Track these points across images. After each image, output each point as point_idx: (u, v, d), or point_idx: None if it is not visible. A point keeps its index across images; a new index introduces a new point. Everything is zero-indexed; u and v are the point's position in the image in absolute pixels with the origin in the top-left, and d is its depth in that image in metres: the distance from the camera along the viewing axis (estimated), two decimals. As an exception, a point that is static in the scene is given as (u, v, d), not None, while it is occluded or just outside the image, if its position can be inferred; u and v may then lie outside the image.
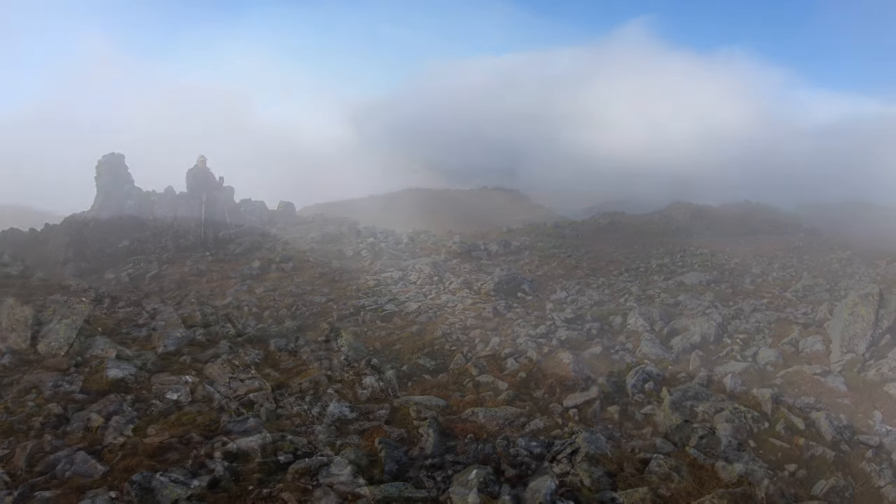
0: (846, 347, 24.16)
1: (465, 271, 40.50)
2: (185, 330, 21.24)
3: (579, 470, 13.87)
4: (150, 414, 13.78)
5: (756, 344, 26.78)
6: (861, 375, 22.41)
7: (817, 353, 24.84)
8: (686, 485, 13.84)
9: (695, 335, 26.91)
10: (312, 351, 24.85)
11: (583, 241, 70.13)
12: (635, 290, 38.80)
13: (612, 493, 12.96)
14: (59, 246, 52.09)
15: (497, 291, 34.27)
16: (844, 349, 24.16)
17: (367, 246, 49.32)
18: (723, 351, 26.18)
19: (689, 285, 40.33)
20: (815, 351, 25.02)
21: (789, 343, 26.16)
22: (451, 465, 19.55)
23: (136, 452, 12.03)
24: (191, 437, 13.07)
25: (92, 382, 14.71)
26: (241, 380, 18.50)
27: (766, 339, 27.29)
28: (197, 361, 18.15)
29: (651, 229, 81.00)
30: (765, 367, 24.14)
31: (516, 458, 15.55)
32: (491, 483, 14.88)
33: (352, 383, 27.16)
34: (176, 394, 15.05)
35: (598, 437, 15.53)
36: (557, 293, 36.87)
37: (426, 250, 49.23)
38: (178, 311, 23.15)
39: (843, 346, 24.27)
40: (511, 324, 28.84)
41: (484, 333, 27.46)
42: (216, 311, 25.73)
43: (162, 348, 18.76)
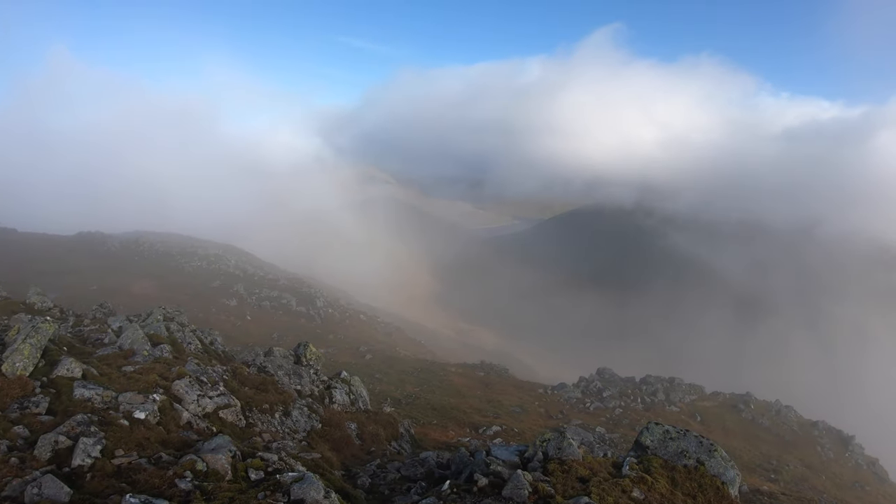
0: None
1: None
2: (152, 347, 21.06)
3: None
4: (117, 434, 13.64)
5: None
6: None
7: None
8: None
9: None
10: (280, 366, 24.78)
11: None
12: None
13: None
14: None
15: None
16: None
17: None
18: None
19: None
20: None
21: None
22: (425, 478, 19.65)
23: (104, 474, 11.91)
24: (160, 456, 12.98)
25: (58, 404, 14.55)
26: (209, 396, 18.40)
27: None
28: (164, 379, 17.96)
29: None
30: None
31: (490, 468, 15.67)
32: (464, 493, 14.99)
33: (322, 397, 27.12)
34: (144, 413, 14.90)
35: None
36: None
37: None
38: (145, 328, 22.93)
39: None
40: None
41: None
42: (182, 327, 25.53)
43: (129, 367, 18.57)
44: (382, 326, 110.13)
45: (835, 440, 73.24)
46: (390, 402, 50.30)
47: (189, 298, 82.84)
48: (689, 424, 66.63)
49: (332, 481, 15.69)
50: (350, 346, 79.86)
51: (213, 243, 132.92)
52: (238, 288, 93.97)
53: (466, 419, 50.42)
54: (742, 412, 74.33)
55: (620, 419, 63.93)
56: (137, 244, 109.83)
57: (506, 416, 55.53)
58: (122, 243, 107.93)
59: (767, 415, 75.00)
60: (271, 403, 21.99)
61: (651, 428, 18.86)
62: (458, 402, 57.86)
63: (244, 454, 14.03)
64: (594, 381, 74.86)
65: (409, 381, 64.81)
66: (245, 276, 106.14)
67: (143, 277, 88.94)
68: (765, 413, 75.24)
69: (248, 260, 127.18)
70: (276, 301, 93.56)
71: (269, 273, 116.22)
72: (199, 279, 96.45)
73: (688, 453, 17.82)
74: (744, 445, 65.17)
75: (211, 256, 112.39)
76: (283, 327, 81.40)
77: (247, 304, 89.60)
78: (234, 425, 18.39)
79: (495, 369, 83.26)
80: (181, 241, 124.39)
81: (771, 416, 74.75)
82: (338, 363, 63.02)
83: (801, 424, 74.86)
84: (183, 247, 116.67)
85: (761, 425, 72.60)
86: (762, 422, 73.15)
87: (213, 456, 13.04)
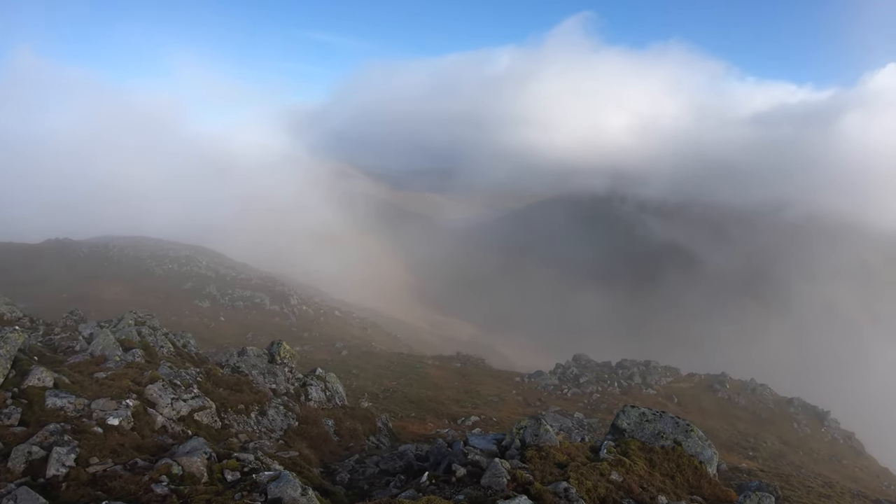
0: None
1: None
2: (124, 352, 20.93)
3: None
4: (91, 442, 13.58)
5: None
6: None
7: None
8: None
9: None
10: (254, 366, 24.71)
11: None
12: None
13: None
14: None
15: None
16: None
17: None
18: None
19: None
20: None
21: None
22: (404, 471, 19.70)
23: (80, 483, 11.87)
24: (135, 462, 12.95)
25: (31, 414, 14.44)
26: (183, 399, 18.34)
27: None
28: (137, 384, 17.87)
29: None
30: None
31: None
32: (442, 484, 15.04)
33: (297, 395, 27.09)
34: (117, 419, 14.84)
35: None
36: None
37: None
38: (116, 334, 22.77)
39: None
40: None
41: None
42: (154, 331, 25.38)
43: (101, 373, 18.45)
44: (357, 322, 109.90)
45: (810, 416, 74.20)
46: (368, 396, 50.29)
47: (161, 302, 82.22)
48: (667, 406, 67.18)
49: (309, 479, 15.71)
50: (326, 343, 79.64)
51: (184, 245, 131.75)
52: (210, 289, 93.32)
53: (444, 411, 50.52)
54: (718, 392, 75.07)
55: (598, 404, 64.36)
56: (107, 249, 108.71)
57: (484, 406, 55.70)
58: (90, 249, 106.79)
59: (743, 393, 75.79)
60: (246, 403, 21.95)
61: (627, 411, 19.07)
62: (435, 394, 57.95)
63: (220, 455, 14.03)
64: (570, 368, 75.25)
65: (385, 375, 64.80)
66: (217, 276, 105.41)
67: (113, 283, 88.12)
68: (740, 392, 76.03)
69: (220, 260, 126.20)
70: (250, 301, 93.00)
71: (241, 273, 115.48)
72: (170, 282, 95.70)
73: (665, 434, 18.05)
74: (721, 424, 65.83)
75: (182, 258, 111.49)
76: (257, 327, 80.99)
77: (220, 304, 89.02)
78: (210, 427, 18.36)
79: (472, 360, 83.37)
80: (151, 245, 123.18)
81: (747, 395, 75.55)
82: (314, 360, 62.79)
83: (776, 402, 75.75)
84: (153, 250, 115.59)
85: (737, 404, 73.37)
86: (738, 401, 73.93)
87: (189, 459, 13.03)
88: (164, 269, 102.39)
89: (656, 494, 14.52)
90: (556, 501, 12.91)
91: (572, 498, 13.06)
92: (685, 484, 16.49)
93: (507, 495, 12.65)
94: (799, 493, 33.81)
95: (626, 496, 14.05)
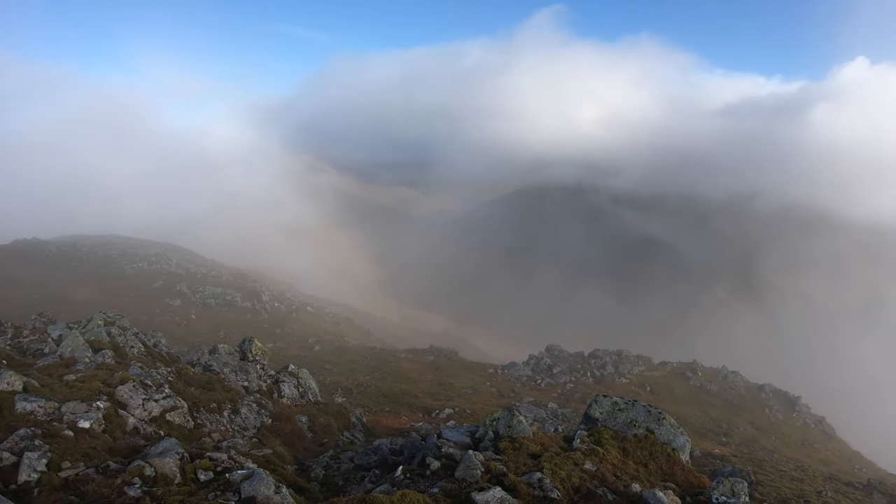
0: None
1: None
2: (94, 354, 20.76)
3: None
4: (63, 446, 13.49)
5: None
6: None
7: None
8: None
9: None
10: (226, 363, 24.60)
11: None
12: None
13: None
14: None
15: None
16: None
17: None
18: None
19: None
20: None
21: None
22: (378, 465, 19.73)
23: (52, 488, 11.79)
24: (107, 465, 12.88)
25: (0, 419, 14.30)
26: (155, 400, 18.24)
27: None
28: (108, 385, 17.74)
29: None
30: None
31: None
32: (417, 478, 15.11)
33: (270, 392, 27.01)
34: (88, 421, 14.74)
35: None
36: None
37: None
38: (85, 335, 22.57)
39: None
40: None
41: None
42: (124, 331, 25.17)
43: (71, 375, 18.30)
44: (330, 317, 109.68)
45: (782, 401, 75.18)
46: (341, 392, 50.23)
47: (132, 301, 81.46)
48: (639, 395, 67.73)
49: (284, 476, 15.72)
50: (298, 339, 79.39)
51: (154, 243, 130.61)
52: (181, 287, 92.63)
53: (419, 404, 50.61)
54: (690, 380, 75.79)
55: (572, 394, 64.73)
56: (75, 249, 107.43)
57: (458, 399, 55.86)
58: (59, 249, 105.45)
59: (715, 381, 76.58)
60: (219, 402, 21.84)
61: (599, 400, 19.23)
62: (409, 387, 58.02)
63: (192, 456, 13.98)
64: (544, 359, 75.61)
65: (359, 369, 64.77)
66: (188, 274, 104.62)
67: (83, 283, 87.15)
68: (712, 379, 76.82)
69: (191, 258, 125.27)
70: (221, 298, 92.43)
71: (212, 270, 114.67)
72: (140, 281, 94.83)
73: (637, 423, 18.23)
74: (694, 412, 66.52)
75: (152, 257, 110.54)
76: (229, 324, 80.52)
77: (191, 302, 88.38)
78: (182, 427, 18.27)
79: (445, 353, 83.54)
80: (121, 243, 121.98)
81: (718, 382, 76.35)
82: (287, 356, 62.56)
83: (748, 388, 76.65)
84: (123, 248, 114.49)
85: (710, 391, 74.14)
86: (710, 388, 74.70)
87: (161, 460, 12.98)
88: (134, 268, 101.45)
89: (630, 482, 14.68)
90: (531, 492, 13.01)
91: (546, 488, 13.17)
92: (658, 471, 16.67)
93: (482, 487, 12.73)
94: (772, 477, 34.29)
95: (600, 485, 14.18)
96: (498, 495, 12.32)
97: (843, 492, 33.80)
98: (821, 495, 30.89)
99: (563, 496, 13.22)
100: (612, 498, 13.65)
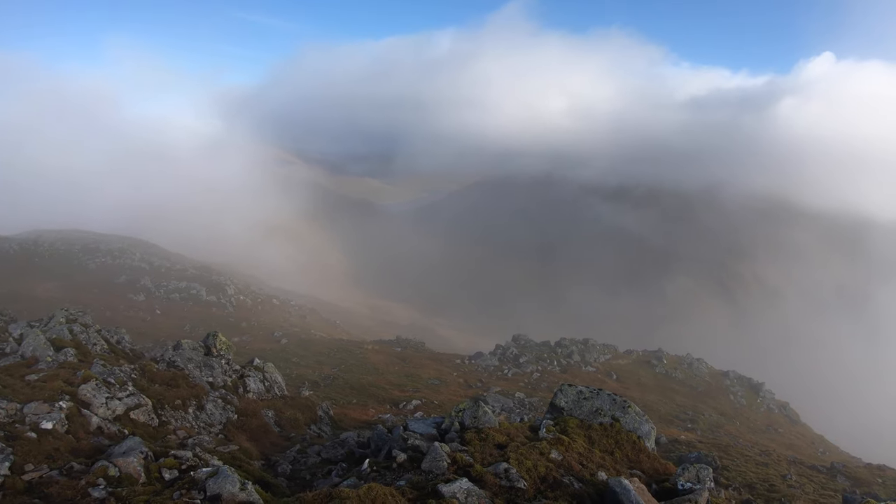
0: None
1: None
2: (56, 352, 20.53)
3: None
4: (25, 448, 13.35)
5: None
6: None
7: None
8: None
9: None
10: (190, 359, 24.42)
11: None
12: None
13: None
14: None
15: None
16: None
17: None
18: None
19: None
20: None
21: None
22: (345, 458, 19.75)
23: (15, 492, 11.67)
24: (71, 466, 12.77)
25: (-40, 421, 14.13)
26: (118, 398, 18.08)
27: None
28: (70, 384, 17.55)
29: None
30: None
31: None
32: (384, 471, 15.17)
33: (236, 387, 26.88)
34: (51, 422, 14.59)
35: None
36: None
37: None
38: (47, 333, 22.30)
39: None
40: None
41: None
42: (86, 328, 24.88)
43: (32, 375, 18.09)
44: (296, 309, 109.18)
45: (746, 388, 76.37)
46: (308, 385, 50.06)
47: (95, 297, 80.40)
48: (606, 383, 68.36)
49: (250, 472, 15.68)
50: (264, 332, 78.95)
51: (117, 237, 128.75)
52: (145, 282, 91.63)
53: (386, 396, 50.64)
54: (656, 367, 76.66)
55: (539, 383, 65.09)
56: (37, 245, 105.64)
57: (425, 390, 55.93)
58: (20, 245, 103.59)
59: (680, 368, 77.54)
60: (183, 399, 21.69)
61: (565, 389, 19.39)
62: (376, 379, 57.99)
63: (157, 454, 13.90)
64: (510, 348, 75.93)
65: (326, 362, 64.56)
66: (151, 268, 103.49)
67: (46, 279, 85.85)
68: (677, 367, 77.76)
69: (154, 252, 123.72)
70: (186, 292, 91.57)
71: (176, 264, 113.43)
72: (103, 276, 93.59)
73: (603, 411, 18.43)
74: (660, 399, 67.28)
75: (115, 251, 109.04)
76: (194, 319, 79.80)
77: (155, 297, 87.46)
78: (147, 425, 18.14)
79: (412, 344, 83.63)
80: (83, 238, 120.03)
81: (683, 370, 77.31)
82: (252, 350, 62.20)
83: (712, 375, 77.73)
84: (85, 243, 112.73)
85: (675, 378, 75.06)
86: (676, 375, 75.63)
87: (125, 459, 12.90)
88: (96, 263, 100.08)
89: (596, 471, 14.84)
90: (497, 482, 13.11)
91: (513, 478, 13.27)
92: (624, 459, 16.87)
93: (448, 479, 12.80)
94: (737, 462, 34.83)
95: (567, 474, 14.30)
96: (465, 486, 12.39)
97: (807, 475, 34.41)
98: (785, 479, 31.40)
99: (530, 486, 13.34)
100: (579, 486, 13.79)
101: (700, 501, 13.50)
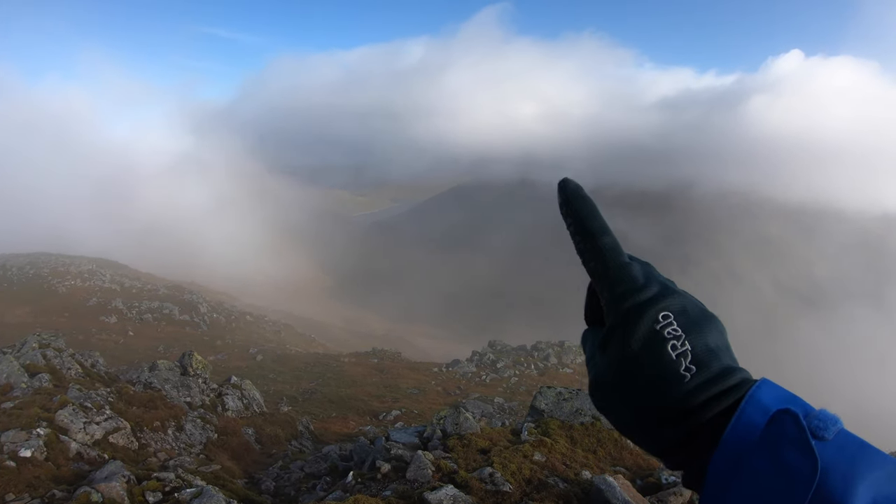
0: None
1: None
2: (30, 378, 20.31)
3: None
4: (6, 478, 13.20)
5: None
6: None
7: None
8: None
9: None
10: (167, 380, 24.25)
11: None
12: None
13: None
14: None
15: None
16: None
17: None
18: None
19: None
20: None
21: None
22: (329, 472, 19.71)
23: (-5, 520, 11.53)
24: (53, 494, 12.64)
25: (-65, 452, 13.95)
26: (96, 422, 17.92)
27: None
28: (46, 410, 17.37)
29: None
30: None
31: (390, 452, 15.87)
32: (369, 482, 15.19)
33: (214, 406, 26.71)
34: (30, 450, 14.43)
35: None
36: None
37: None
38: (20, 359, 22.05)
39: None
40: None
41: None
42: (60, 352, 24.63)
43: (8, 402, 17.88)
44: (270, 325, 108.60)
45: (722, 381, 76.99)
46: (286, 400, 49.75)
47: (67, 321, 79.48)
48: (584, 384, 68.52)
49: (234, 491, 15.61)
50: (240, 350, 78.41)
51: (86, 258, 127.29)
52: (116, 303, 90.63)
53: (365, 407, 50.50)
54: (632, 365, 77.03)
55: (517, 387, 65.19)
56: (4, 269, 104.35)
57: (404, 399, 55.84)
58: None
59: (656, 364, 78.00)
60: (162, 420, 21.54)
61: (544, 392, 19.51)
62: (355, 391, 57.81)
63: (139, 477, 13.79)
64: (487, 354, 75.96)
65: (303, 377, 64.26)
66: (122, 289, 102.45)
67: (15, 304, 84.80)
68: (653, 363, 78.22)
69: (125, 272, 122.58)
70: (158, 312, 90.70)
71: (147, 284, 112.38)
72: (74, 299, 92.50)
73: (583, 411, 18.55)
74: (638, 395, 67.61)
75: (85, 273, 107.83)
76: (168, 339, 79.08)
77: (127, 319, 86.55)
78: (127, 448, 18.00)
79: (388, 354, 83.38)
80: (51, 260, 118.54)
81: (658, 366, 77.77)
82: (229, 368, 61.70)
83: (687, 370, 78.25)
84: (54, 266, 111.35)
85: (651, 375, 75.50)
86: (652, 371, 76.08)
87: (108, 484, 12.78)
88: (67, 286, 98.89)
89: (580, 470, 14.91)
90: (483, 487, 13.14)
91: (498, 482, 13.31)
92: (607, 457, 16.98)
93: (434, 486, 12.82)
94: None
95: (551, 474, 14.36)
96: (450, 493, 12.41)
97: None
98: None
99: (516, 489, 13.37)
100: (564, 486, 13.85)
101: (685, 494, 13.63)
